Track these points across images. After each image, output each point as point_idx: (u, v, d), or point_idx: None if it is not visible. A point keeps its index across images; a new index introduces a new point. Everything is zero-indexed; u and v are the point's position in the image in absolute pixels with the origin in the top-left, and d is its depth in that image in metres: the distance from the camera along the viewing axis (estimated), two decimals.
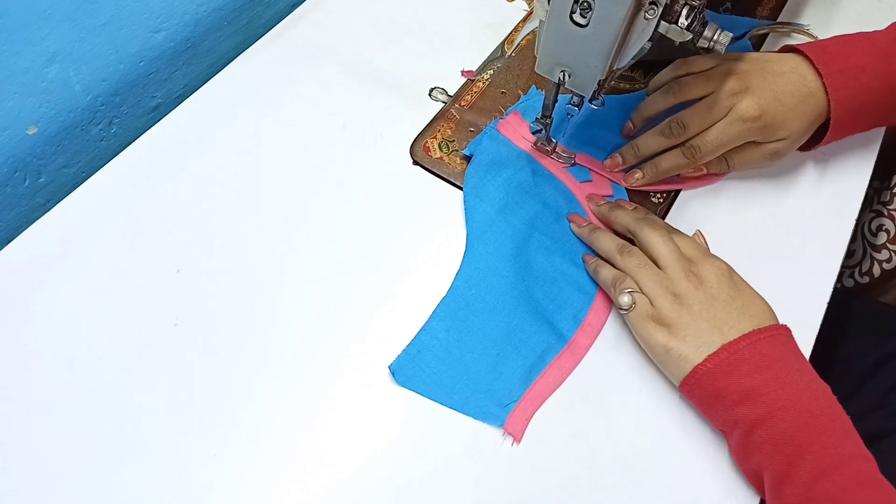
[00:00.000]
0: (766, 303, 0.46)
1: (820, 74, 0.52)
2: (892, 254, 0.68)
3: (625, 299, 0.47)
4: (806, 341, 0.50)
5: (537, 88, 0.62)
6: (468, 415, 0.46)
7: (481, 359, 0.48)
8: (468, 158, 0.57)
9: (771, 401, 0.41)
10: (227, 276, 0.51)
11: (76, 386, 0.46)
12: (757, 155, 0.54)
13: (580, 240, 0.54)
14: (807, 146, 0.56)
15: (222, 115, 0.60)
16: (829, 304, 0.51)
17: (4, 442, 0.44)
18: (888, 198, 0.69)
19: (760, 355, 0.43)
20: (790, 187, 0.58)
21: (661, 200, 0.56)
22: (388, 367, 0.47)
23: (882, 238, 0.69)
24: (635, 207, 0.54)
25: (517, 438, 0.45)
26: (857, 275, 0.72)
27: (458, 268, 0.52)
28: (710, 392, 0.43)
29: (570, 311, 0.50)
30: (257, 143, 0.58)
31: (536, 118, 0.54)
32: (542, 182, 0.56)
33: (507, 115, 0.60)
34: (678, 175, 0.56)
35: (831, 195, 0.57)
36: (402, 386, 0.47)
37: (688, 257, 0.48)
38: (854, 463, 0.39)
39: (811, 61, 0.52)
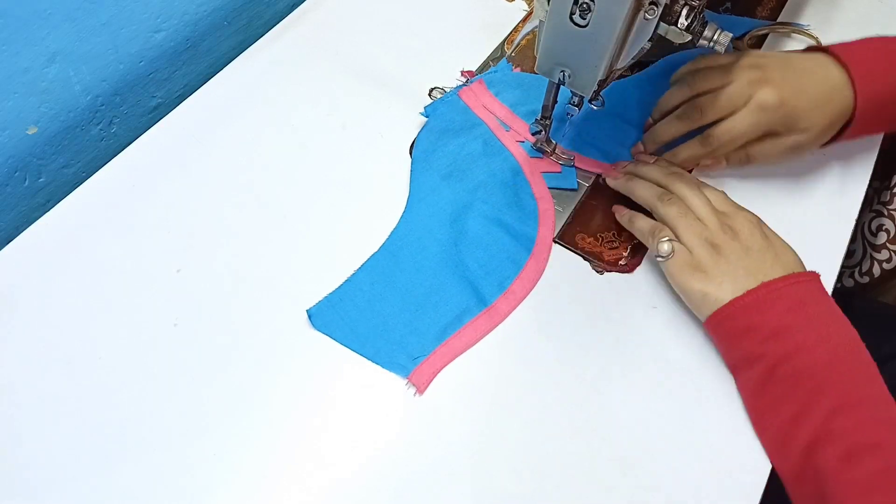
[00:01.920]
0: (796, 253, 0.48)
1: (847, 70, 0.51)
2: (892, 254, 0.68)
3: (665, 247, 0.48)
4: None
5: (508, 62, 0.63)
6: (378, 363, 0.48)
7: (400, 313, 0.50)
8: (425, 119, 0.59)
9: (801, 338, 0.43)
10: (227, 276, 0.51)
11: (76, 386, 0.46)
12: (777, 147, 0.54)
13: (618, 190, 0.55)
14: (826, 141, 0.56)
15: (222, 115, 0.60)
16: None
17: (4, 441, 0.44)
18: (888, 198, 0.69)
19: (797, 296, 0.45)
20: (790, 187, 0.57)
21: None
22: (307, 310, 0.49)
23: (882, 238, 0.68)
24: (657, 161, 0.55)
25: (420, 390, 0.47)
26: (857, 275, 0.72)
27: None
28: (741, 325, 0.45)
29: (497, 278, 0.52)
30: (257, 142, 0.58)
31: (536, 119, 0.54)
32: (491, 152, 0.58)
33: (471, 82, 0.61)
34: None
35: (831, 195, 0.57)
36: (318, 330, 0.49)
37: (720, 210, 0.50)
38: (871, 403, 0.41)
39: (837, 57, 0.52)
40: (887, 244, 0.68)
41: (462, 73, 0.63)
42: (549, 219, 0.54)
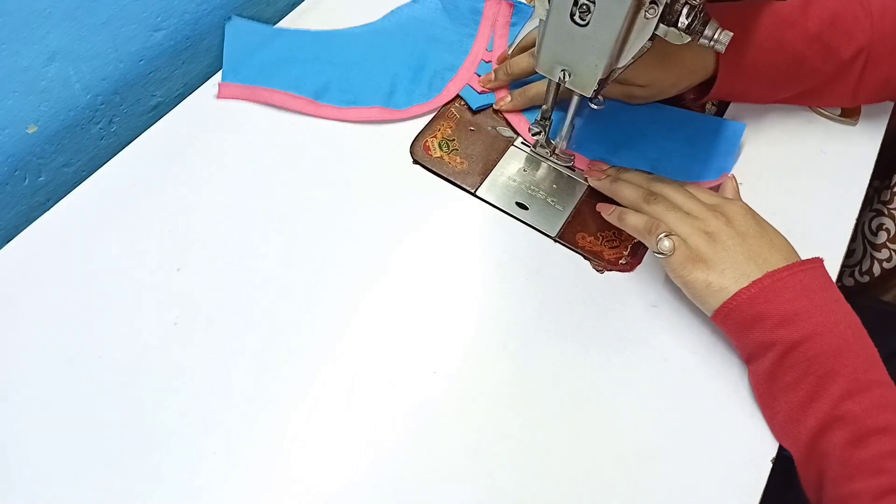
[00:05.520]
0: (787, 240, 0.49)
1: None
2: (893, 253, 0.68)
3: (666, 244, 0.48)
4: None
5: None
6: (224, 66, 0.60)
7: (273, 57, 0.60)
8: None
9: (812, 325, 0.44)
10: (227, 275, 0.51)
11: (76, 385, 0.46)
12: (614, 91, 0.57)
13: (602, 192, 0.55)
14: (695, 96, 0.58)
15: (222, 114, 0.59)
16: None
17: (4, 441, 0.44)
18: (888, 197, 0.69)
19: (801, 285, 0.45)
20: (790, 187, 0.57)
21: None
22: (230, 17, 0.62)
23: (882, 237, 0.69)
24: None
25: (217, 96, 0.59)
26: (857, 274, 0.72)
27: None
28: (750, 315, 0.45)
29: (350, 95, 0.59)
30: (257, 141, 0.58)
31: (536, 119, 0.54)
32: (453, 49, 0.63)
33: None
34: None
35: (831, 195, 0.57)
36: (225, 32, 0.61)
37: (709, 203, 0.50)
38: (878, 388, 0.43)
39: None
40: (887, 243, 0.68)
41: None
42: (434, 104, 0.60)
